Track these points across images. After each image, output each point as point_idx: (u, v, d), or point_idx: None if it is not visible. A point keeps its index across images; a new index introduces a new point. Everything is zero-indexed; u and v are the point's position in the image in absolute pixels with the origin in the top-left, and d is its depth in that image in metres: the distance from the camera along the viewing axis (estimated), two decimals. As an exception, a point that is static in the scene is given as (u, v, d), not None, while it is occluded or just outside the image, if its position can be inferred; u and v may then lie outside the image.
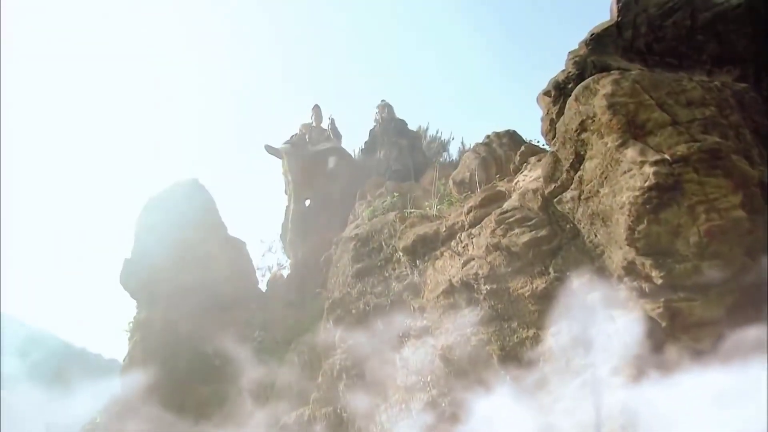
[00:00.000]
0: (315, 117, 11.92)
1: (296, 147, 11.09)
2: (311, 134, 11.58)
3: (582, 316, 4.31)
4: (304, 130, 11.70)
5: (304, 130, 11.68)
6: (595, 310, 4.18)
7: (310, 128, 11.66)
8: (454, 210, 6.12)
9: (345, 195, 10.83)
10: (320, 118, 11.96)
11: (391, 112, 11.13)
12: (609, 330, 4.08)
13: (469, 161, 7.75)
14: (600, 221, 4.06)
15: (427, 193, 8.21)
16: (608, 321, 4.10)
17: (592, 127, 3.94)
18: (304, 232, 10.78)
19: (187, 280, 9.41)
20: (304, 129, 11.72)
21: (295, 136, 11.58)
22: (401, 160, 10.36)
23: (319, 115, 11.97)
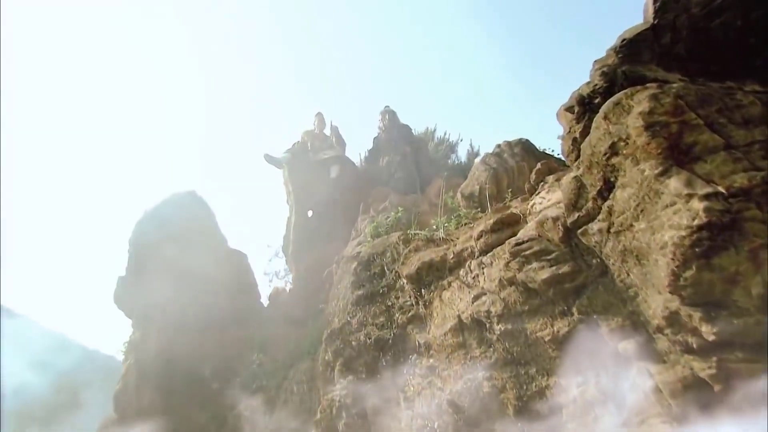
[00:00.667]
0: (317, 124, 11.32)
1: (297, 156, 10.49)
2: (313, 142, 10.98)
3: (613, 367, 3.65)
4: (305, 137, 11.10)
5: (305, 138, 11.08)
6: (629, 361, 3.52)
7: (312, 136, 11.06)
8: (463, 233, 5.46)
9: (349, 205, 10.23)
10: (323, 125, 11.37)
11: (394, 118, 10.48)
12: (645, 386, 3.42)
13: (479, 173, 7.10)
14: (634, 259, 3.39)
15: (433, 207, 7.58)
16: (644, 376, 3.44)
17: (625, 151, 3.28)
18: (307, 245, 10.19)
19: (184, 297, 8.87)
20: (306, 137, 11.12)
21: (296, 145, 10.99)
22: (405, 167, 9.72)
23: (322, 122, 11.37)
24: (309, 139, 11.05)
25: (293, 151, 10.48)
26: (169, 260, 8.69)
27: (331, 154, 10.35)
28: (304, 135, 11.13)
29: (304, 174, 10.32)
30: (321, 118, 11.34)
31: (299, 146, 10.90)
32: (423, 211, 7.43)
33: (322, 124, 11.37)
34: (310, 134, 11.13)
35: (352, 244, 7.45)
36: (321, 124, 11.33)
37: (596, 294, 3.77)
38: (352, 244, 7.45)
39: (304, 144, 10.94)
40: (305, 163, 10.42)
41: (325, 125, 11.41)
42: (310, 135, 11.11)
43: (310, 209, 10.40)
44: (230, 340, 8.85)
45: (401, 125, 10.47)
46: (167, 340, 8.46)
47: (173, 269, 8.74)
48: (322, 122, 11.37)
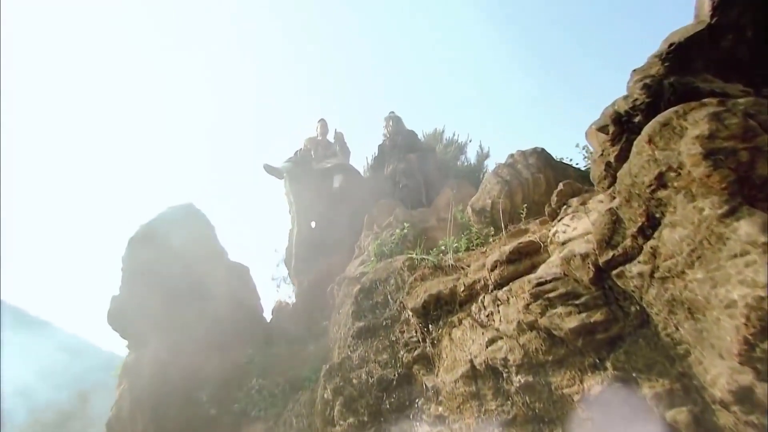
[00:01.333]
0: (320, 130, 10.67)
1: (299, 165, 9.87)
2: (316, 150, 10.35)
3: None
4: (308, 145, 10.48)
5: (308, 146, 10.46)
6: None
7: (315, 143, 10.43)
8: (474, 258, 4.81)
9: (354, 216, 9.59)
10: (326, 131, 10.72)
11: (398, 124, 9.81)
12: (702, 467, 2.76)
13: (490, 186, 6.42)
14: (685, 312, 2.73)
15: (442, 222, 6.92)
16: (700, 454, 2.78)
17: (676, 183, 2.61)
18: (310, 258, 9.58)
19: (181, 317, 8.32)
20: (309, 144, 10.49)
21: (298, 153, 10.37)
22: (410, 176, 9.05)
23: (325, 129, 10.73)
24: (312, 146, 10.42)
25: (295, 159, 9.86)
26: (164, 278, 8.13)
27: (334, 162, 9.72)
28: (307, 142, 10.52)
29: (306, 184, 9.70)
30: (324, 124, 10.71)
31: (301, 154, 10.29)
32: (431, 226, 6.78)
33: (326, 131, 10.73)
34: (312, 141, 10.51)
35: (354, 263, 6.83)
36: (324, 130, 10.70)
37: (636, 348, 3.11)
38: (354, 263, 6.83)
39: (307, 152, 10.32)
40: (307, 173, 9.80)
41: (329, 131, 10.78)
42: (312, 142, 10.49)
43: (313, 221, 9.80)
44: (229, 362, 8.27)
45: (407, 131, 9.79)
46: (163, 363, 7.91)
47: (169, 287, 8.18)
48: (326, 128, 10.74)
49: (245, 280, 10.35)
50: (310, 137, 10.62)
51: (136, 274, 8.00)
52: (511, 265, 4.08)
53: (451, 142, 21.05)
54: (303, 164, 9.90)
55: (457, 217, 6.88)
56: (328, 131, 10.73)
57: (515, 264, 4.08)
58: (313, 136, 10.62)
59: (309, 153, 10.23)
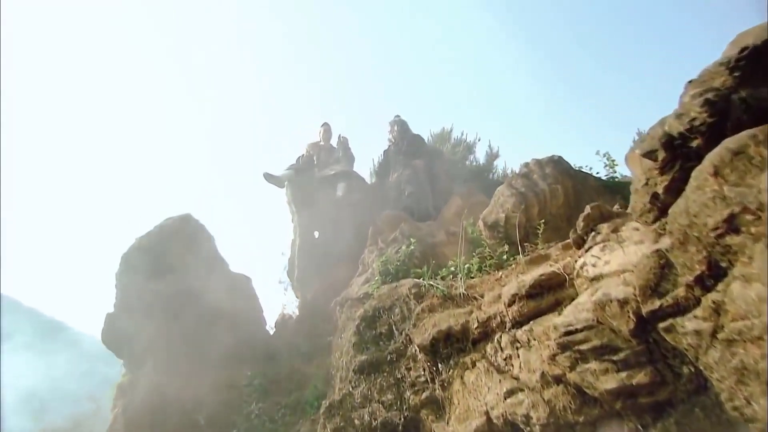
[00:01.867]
0: (323, 135, 10.11)
1: (301, 173, 9.33)
2: (319, 156, 9.80)
3: None
4: (310, 151, 9.92)
5: (310, 152, 9.90)
6: None
7: (317, 148, 9.88)
8: (488, 286, 4.24)
9: (359, 227, 9.04)
10: (329, 136, 10.15)
11: (404, 128, 9.22)
12: None
13: (504, 199, 5.83)
14: (761, 386, 2.16)
15: (451, 237, 6.34)
16: None
17: (753, 229, 2.01)
18: (313, 270, 9.06)
19: (179, 335, 7.84)
20: (311, 150, 9.94)
21: (300, 159, 9.82)
22: (416, 183, 8.46)
23: (329, 133, 10.16)
24: (314, 152, 9.88)
25: (296, 167, 9.32)
26: (160, 295, 7.65)
27: (337, 169, 9.17)
28: (309, 148, 9.97)
29: (308, 192, 9.16)
30: (327, 128, 10.15)
31: (303, 161, 9.74)
32: (439, 241, 6.21)
33: (329, 135, 10.17)
34: (315, 147, 9.95)
35: (357, 282, 6.29)
36: (327, 135, 10.13)
37: (690, 418, 2.53)
38: (357, 282, 6.29)
39: (309, 158, 9.77)
40: (310, 180, 9.26)
41: (332, 136, 10.22)
42: (315, 148, 9.94)
43: (316, 231, 9.26)
44: (229, 382, 7.78)
45: (412, 136, 9.21)
46: (158, 385, 7.43)
47: (166, 304, 7.70)
48: (329, 133, 10.17)
49: (247, 292, 9.86)
50: (312, 143, 10.09)
51: (130, 291, 7.52)
52: (532, 301, 3.51)
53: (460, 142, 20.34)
54: (305, 171, 9.36)
55: (468, 231, 6.31)
56: (332, 136, 10.19)
57: (536, 299, 3.51)
58: (316, 141, 10.09)
59: (311, 159, 9.69)
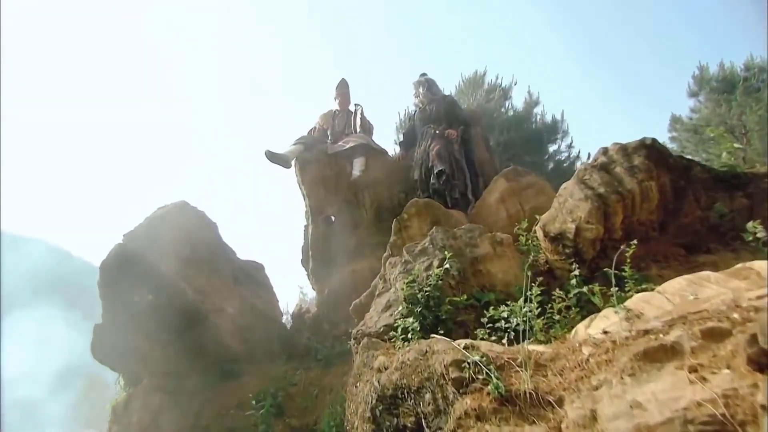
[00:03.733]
0: (340, 100, 8.32)
1: (311, 148, 7.70)
2: (333, 125, 8.11)
3: None
4: (323, 123, 8.21)
5: (323, 123, 8.19)
6: None
7: (330, 118, 8.16)
8: (569, 375, 2.69)
9: (380, 210, 7.49)
10: (347, 99, 8.36)
11: (432, 89, 7.35)
12: None
13: (573, 202, 4.13)
14: None
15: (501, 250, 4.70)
16: None
17: None
18: (329, 262, 7.64)
19: (179, 345, 6.65)
20: (324, 121, 8.22)
21: (312, 132, 8.16)
22: (448, 159, 6.74)
23: (346, 95, 8.36)
24: (327, 123, 8.16)
25: (305, 141, 7.67)
26: (153, 301, 6.39)
27: (353, 142, 7.49)
28: (321, 119, 8.24)
29: (321, 170, 7.58)
30: (344, 87, 8.30)
31: (315, 134, 8.07)
32: (483, 255, 4.59)
33: (346, 98, 8.34)
34: (327, 117, 8.21)
35: (377, 306, 4.80)
36: (344, 96, 8.32)
37: None
38: (377, 306, 4.80)
39: (321, 132, 8.09)
40: (322, 157, 7.64)
41: (350, 100, 8.40)
42: (327, 118, 8.20)
43: (332, 215, 7.75)
44: (237, 397, 6.64)
45: (442, 98, 7.35)
46: (156, 407, 6.35)
47: (160, 310, 6.45)
48: (346, 94, 8.35)
49: (259, 281, 8.60)
50: (324, 113, 8.33)
51: (116, 302, 6.29)
52: None
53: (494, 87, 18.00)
54: (316, 146, 7.72)
55: (521, 242, 4.68)
56: (350, 100, 8.37)
57: None
58: (329, 111, 8.30)
59: (324, 132, 8.02)
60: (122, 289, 6.11)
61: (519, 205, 6.13)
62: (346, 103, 8.26)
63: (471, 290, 4.41)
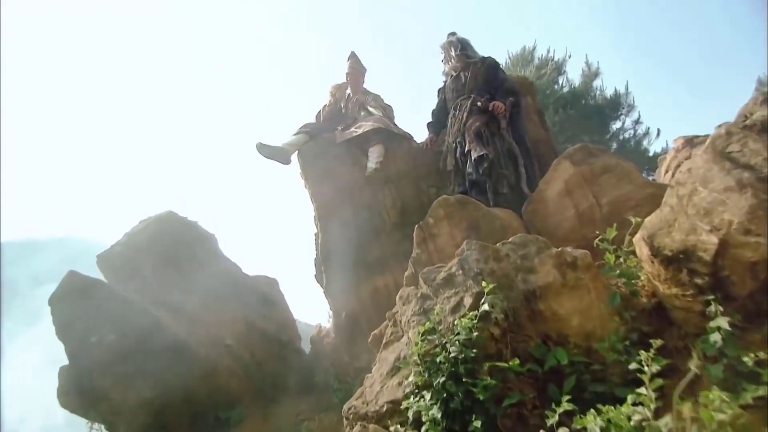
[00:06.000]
0: (351, 78, 6.56)
1: (317, 137, 6.08)
2: (347, 107, 6.44)
3: None
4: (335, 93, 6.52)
5: (335, 94, 6.51)
6: None
7: (340, 97, 6.50)
8: None
9: (405, 211, 5.80)
10: (359, 73, 6.59)
11: (466, 52, 5.47)
12: None
13: (712, 192, 2.26)
14: None
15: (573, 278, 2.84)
16: None
17: None
18: (345, 277, 6.02)
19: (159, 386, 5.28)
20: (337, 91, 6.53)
21: (322, 111, 6.52)
22: (490, 141, 4.91)
23: (358, 69, 6.60)
24: (341, 95, 6.47)
25: (311, 129, 6.03)
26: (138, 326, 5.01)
27: (368, 126, 5.77)
28: (334, 89, 6.48)
29: (328, 164, 5.94)
30: (356, 66, 6.56)
31: (326, 112, 6.41)
32: (545, 285, 2.77)
33: (359, 72, 6.49)
34: (343, 88, 6.49)
35: (381, 367, 3.08)
36: (357, 77, 6.52)
37: None
38: (381, 367, 3.08)
39: (334, 109, 6.42)
40: (330, 147, 6.00)
41: (363, 81, 6.58)
42: (343, 89, 6.49)
43: (346, 218, 6.09)
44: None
45: (482, 60, 5.45)
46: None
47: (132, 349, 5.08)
48: (358, 75, 6.55)
49: (270, 300, 7.15)
50: (338, 83, 6.59)
51: (72, 342, 4.94)
52: None
53: (545, 62, 15.59)
54: (323, 133, 6.09)
55: (608, 260, 2.82)
56: (363, 74, 6.60)
57: None
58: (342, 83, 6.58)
59: (337, 109, 6.33)
60: (77, 328, 4.76)
61: (593, 199, 4.24)
62: (359, 82, 6.51)
63: (527, 346, 2.65)
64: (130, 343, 4.84)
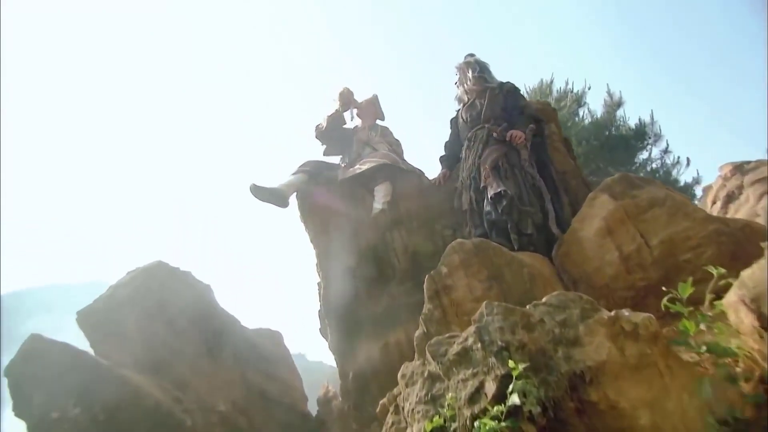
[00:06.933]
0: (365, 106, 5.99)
1: (318, 176, 5.48)
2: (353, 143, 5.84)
3: None
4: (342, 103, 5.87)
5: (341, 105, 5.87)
6: None
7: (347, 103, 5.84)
8: None
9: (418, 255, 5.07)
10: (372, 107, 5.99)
11: (483, 75, 4.86)
12: None
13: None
14: None
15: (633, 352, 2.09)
16: None
17: None
18: (351, 332, 5.23)
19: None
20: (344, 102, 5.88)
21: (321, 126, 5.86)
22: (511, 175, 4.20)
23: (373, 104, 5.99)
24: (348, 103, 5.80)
25: (311, 168, 5.43)
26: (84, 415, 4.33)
27: (373, 162, 5.13)
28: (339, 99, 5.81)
29: (331, 205, 5.29)
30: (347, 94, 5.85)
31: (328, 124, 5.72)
32: (600, 364, 2.01)
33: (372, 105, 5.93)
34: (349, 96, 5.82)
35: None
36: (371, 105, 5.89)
37: None
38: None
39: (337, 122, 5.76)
40: (332, 187, 5.37)
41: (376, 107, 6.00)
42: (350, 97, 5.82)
43: (350, 266, 5.36)
44: None
45: (499, 86, 4.81)
46: None
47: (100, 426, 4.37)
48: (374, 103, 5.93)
49: (273, 357, 6.41)
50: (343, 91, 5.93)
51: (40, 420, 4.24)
52: None
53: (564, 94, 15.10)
54: (325, 172, 5.49)
55: (684, 328, 2.03)
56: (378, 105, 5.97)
57: None
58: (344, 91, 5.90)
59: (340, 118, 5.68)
60: (36, 402, 4.08)
61: (640, 239, 3.46)
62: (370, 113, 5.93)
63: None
64: (99, 418, 4.13)
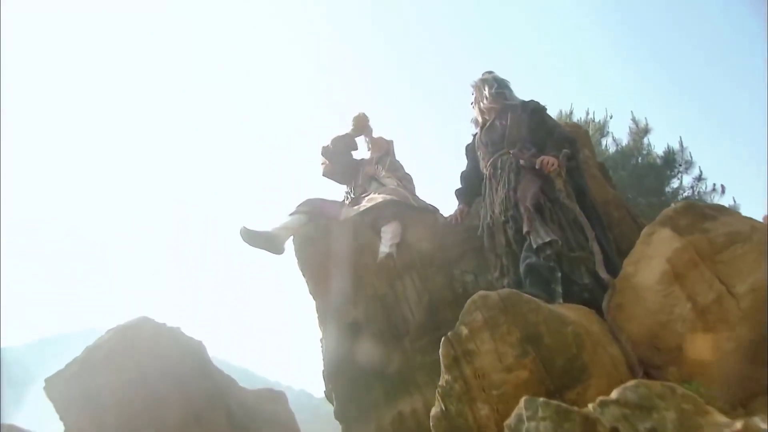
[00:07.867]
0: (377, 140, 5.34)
1: (318, 217, 4.81)
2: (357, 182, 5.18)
3: None
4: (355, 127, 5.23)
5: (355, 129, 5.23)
6: None
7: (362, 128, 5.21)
8: None
9: (435, 304, 4.29)
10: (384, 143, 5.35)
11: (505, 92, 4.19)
12: None
13: None
14: None
15: None
16: None
17: None
18: (358, 397, 4.39)
19: None
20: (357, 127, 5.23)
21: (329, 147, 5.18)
22: (549, 210, 3.46)
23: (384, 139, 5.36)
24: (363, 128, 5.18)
25: (310, 208, 4.76)
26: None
27: (381, 199, 4.44)
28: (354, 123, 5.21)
29: (332, 250, 4.59)
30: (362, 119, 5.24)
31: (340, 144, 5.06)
32: None
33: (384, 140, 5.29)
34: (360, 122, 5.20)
35: None
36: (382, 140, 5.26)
37: None
38: None
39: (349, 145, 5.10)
40: (333, 228, 4.68)
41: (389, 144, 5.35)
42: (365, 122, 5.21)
43: (354, 317, 4.58)
44: None
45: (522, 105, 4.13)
46: None
47: None
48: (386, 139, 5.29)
49: (275, 420, 5.57)
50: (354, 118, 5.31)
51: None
52: None
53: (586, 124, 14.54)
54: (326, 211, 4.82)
55: None
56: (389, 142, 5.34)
57: None
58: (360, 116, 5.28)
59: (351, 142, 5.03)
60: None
61: (720, 286, 2.64)
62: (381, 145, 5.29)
63: None
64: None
